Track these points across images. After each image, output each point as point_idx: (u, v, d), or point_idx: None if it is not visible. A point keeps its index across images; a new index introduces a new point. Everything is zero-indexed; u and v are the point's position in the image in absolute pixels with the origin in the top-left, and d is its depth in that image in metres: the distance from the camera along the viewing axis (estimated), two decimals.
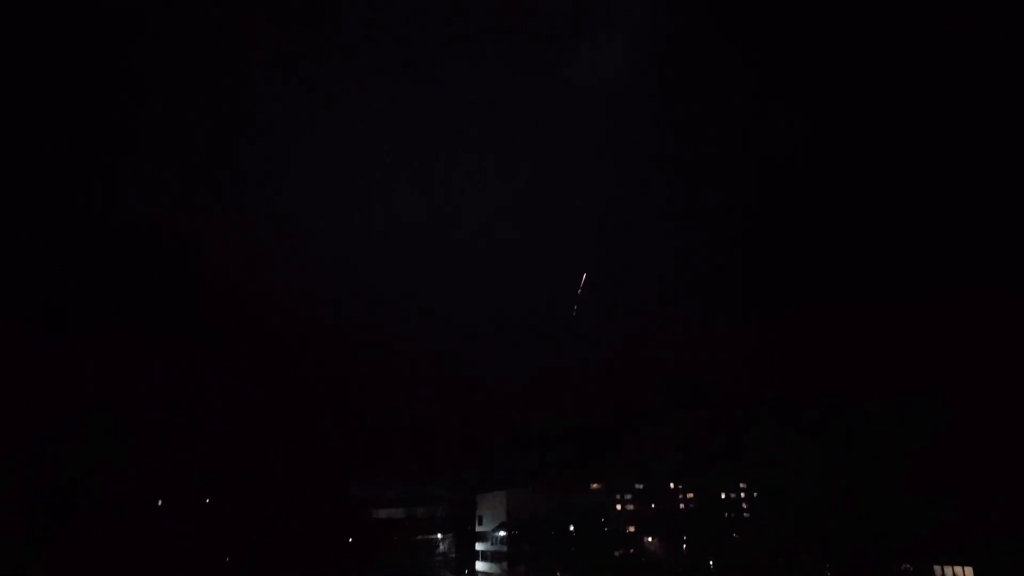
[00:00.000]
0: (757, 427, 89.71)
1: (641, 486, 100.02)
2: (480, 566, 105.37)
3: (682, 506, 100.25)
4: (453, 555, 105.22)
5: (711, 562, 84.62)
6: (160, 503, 79.41)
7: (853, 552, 70.24)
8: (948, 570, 71.27)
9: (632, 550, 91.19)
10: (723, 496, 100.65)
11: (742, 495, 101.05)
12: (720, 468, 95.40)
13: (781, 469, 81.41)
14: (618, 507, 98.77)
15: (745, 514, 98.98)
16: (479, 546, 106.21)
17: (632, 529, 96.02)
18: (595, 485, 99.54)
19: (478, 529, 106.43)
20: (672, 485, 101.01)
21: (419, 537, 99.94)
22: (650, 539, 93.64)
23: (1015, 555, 62.08)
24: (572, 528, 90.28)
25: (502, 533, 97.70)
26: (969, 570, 69.77)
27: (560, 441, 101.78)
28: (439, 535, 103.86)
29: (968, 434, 68.73)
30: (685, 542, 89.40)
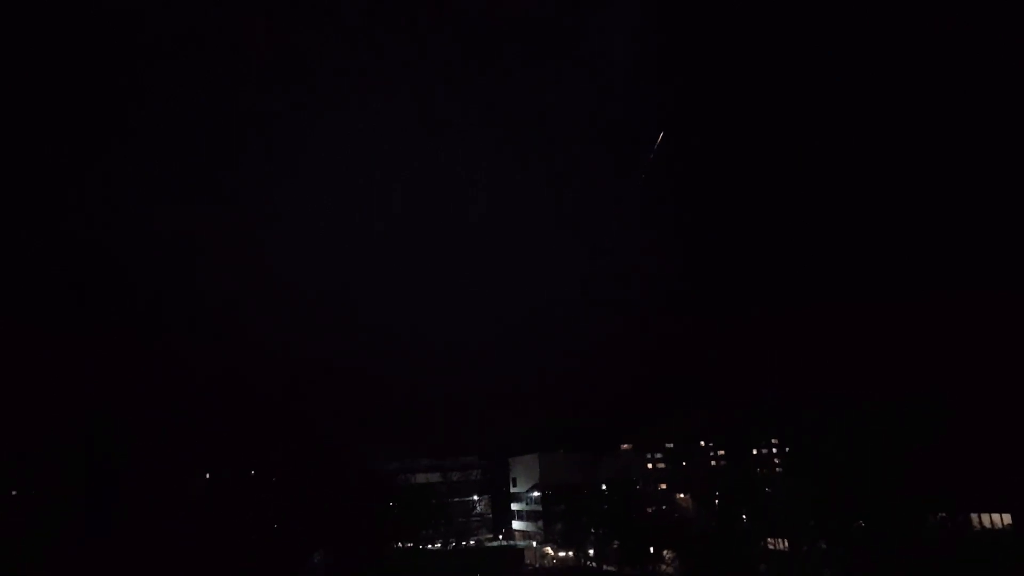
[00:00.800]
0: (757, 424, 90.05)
1: (671, 445, 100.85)
2: (517, 524, 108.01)
3: (713, 463, 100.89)
4: (490, 515, 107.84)
5: (743, 517, 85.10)
6: (207, 476, 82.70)
7: (886, 504, 69.97)
8: (985, 518, 70.59)
9: (664, 507, 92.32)
10: (754, 452, 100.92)
11: (774, 451, 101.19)
12: (750, 426, 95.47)
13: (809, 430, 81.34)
14: (649, 466, 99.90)
15: (777, 469, 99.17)
16: (514, 506, 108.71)
17: (664, 487, 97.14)
18: (625, 446, 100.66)
19: (513, 491, 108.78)
20: (703, 443, 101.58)
21: (456, 500, 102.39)
22: (681, 496, 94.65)
23: None
24: (604, 487, 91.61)
25: (536, 493, 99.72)
26: (1007, 517, 69.04)
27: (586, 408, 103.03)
28: (475, 497, 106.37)
29: (1000, 390, 67.89)
30: (717, 498, 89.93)
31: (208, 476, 77.36)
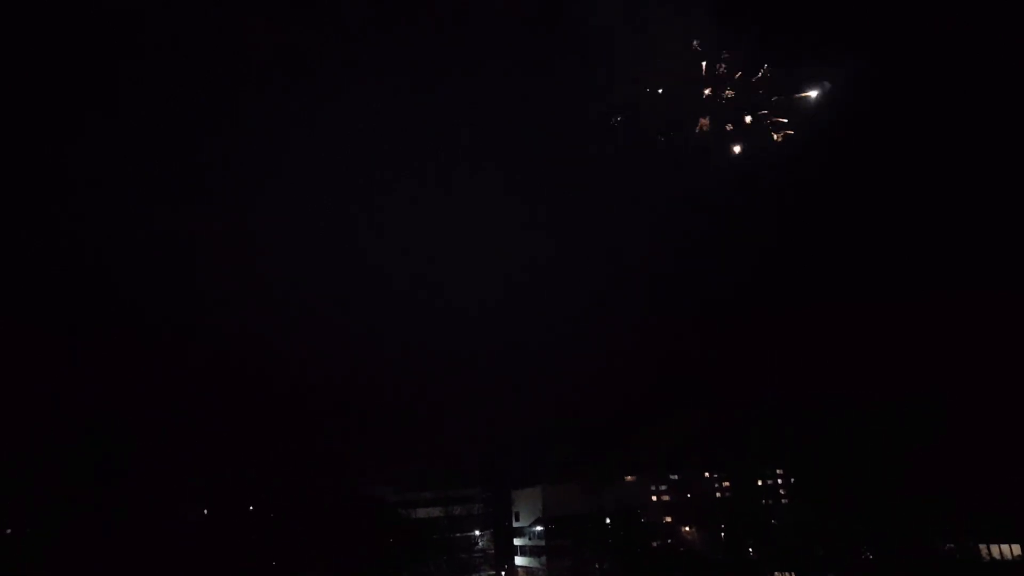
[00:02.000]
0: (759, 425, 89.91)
1: (676, 476, 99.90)
2: (519, 560, 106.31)
3: (718, 494, 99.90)
4: (492, 551, 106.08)
5: (750, 549, 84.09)
6: (204, 511, 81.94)
7: (894, 535, 69.27)
8: (995, 548, 69.76)
9: (670, 540, 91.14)
10: (760, 483, 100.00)
11: (779, 481, 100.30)
12: (754, 455, 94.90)
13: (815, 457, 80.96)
14: (653, 498, 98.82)
15: (783, 500, 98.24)
16: (517, 541, 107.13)
17: (669, 519, 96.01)
18: (629, 477, 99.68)
19: (515, 525, 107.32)
20: (707, 474, 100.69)
21: (457, 535, 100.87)
22: (687, 528, 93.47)
23: None
24: (608, 520, 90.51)
25: (539, 528, 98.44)
26: (1016, 548, 68.24)
27: (585, 435, 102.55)
28: (477, 532, 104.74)
29: (1005, 413, 67.85)
30: (723, 530, 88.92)
31: (205, 508, 76.73)
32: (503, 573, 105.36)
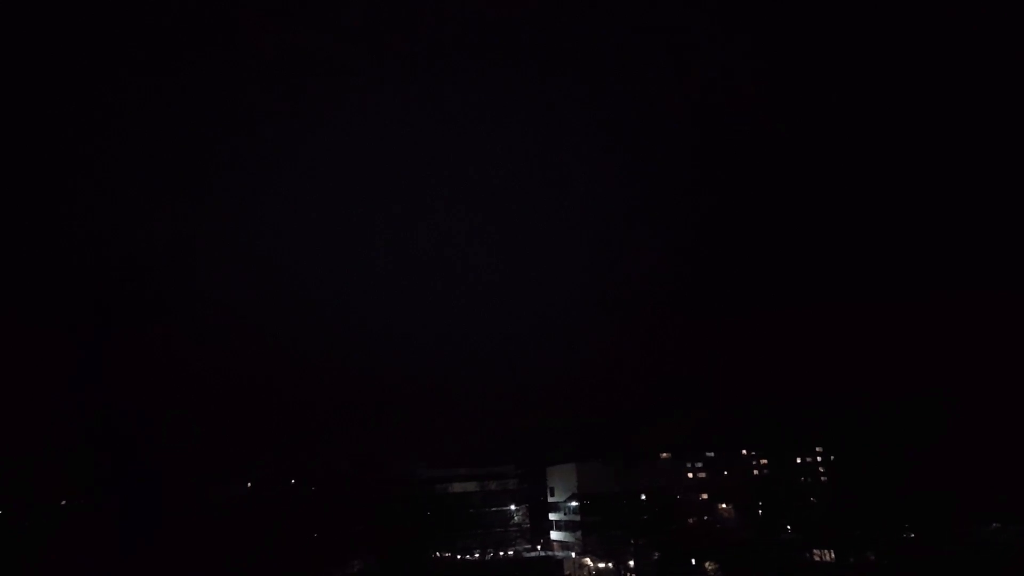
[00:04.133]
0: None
1: (712, 454, 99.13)
2: (555, 535, 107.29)
3: (756, 472, 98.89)
4: (527, 525, 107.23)
5: (788, 527, 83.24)
6: (250, 485, 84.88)
7: (935, 513, 67.69)
8: None
9: (705, 517, 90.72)
10: (798, 461, 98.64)
11: (818, 459, 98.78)
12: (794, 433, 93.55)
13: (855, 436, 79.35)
14: (689, 475, 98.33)
15: (822, 478, 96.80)
16: (552, 516, 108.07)
17: (704, 496, 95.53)
18: (664, 454, 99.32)
19: (550, 500, 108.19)
20: (744, 451, 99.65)
21: (493, 509, 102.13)
22: (723, 506, 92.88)
23: None
24: (643, 497, 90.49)
25: (574, 503, 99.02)
26: None
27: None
28: (512, 507, 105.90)
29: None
30: (760, 508, 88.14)
31: (248, 482, 79.18)
32: (539, 546, 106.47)
